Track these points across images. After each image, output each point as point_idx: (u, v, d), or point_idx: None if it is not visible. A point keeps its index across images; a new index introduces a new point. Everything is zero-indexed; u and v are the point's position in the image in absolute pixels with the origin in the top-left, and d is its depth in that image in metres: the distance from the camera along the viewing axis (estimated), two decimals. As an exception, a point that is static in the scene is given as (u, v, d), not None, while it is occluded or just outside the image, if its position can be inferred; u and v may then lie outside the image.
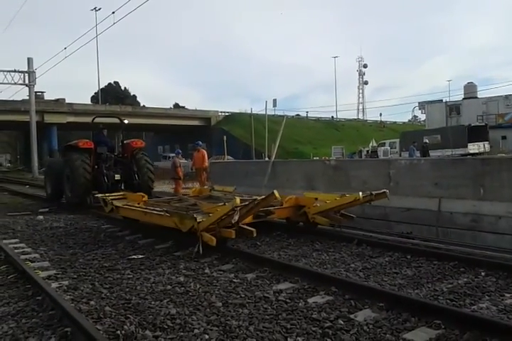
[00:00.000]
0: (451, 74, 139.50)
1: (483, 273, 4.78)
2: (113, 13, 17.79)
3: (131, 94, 74.82)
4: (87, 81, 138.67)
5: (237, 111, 61.44)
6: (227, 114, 60.53)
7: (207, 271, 5.25)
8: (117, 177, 11.63)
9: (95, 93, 64.57)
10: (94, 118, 12.85)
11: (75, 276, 5.22)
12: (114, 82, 73.90)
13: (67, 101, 48.33)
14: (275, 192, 5.94)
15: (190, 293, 4.46)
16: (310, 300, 4.15)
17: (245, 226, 6.12)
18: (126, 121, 13.03)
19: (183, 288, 4.61)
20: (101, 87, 63.24)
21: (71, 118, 46.88)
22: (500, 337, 3.21)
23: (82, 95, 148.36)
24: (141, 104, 66.32)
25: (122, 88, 74.50)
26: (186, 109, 63.48)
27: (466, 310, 3.80)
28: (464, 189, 7.02)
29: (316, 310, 3.91)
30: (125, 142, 12.61)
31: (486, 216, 6.58)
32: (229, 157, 38.09)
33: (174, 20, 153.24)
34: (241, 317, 3.79)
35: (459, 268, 5.04)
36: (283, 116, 36.04)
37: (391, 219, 7.50)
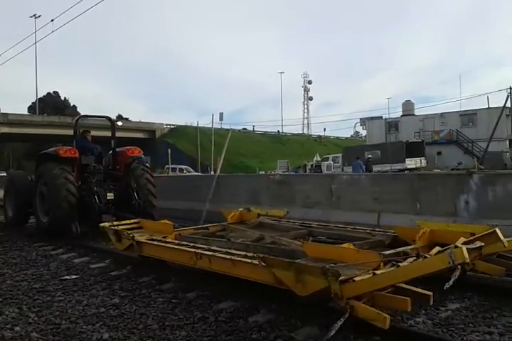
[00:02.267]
0: (391, 91, 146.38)
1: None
2: (52, 21, 17.17)
3: (71, 104, 72.36)
4: (24, 90, 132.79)
5: (183, 124, 61.03)
6: (172, 126, 59.94)
7: (144, 291, 5.03)
8: (110, 196, 8.69)
9: (33, 103, 61.97)
10: (78, 118, 10.25)
11: (0, 300, 4.84)
12: (54, 92, 71.32)
13: (2, 111, 46.04)
14: (497, 230, 4.18)
15: (126, 316, 4.23)
16: (250, 319, 4.06)
17: (417, 289, 3.53)
18: (119, 123, 10.04)
19: (117, 311, 4.37)
20: (39, 97, 60.82)
21: (5, 129, 44.68)
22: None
23: (18, 105, 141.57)
24: (83, 116, 64.09)
25: (62, 98, 71.98)
26: (130, 121, 62.19)
27: (404, 325, 3.85)
28: (402, 203, 7.24)
29: (256, 329, 3.83)
30: (118, 150, 9.66)
31: (423, 230, 6.79)
32: (189, 168, 37.44)
33: (120, 30, 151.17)
34: (178, 340, 3.63)
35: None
36: (229, 130, 36.16)
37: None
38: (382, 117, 49.95)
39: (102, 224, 6.50)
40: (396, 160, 29.15)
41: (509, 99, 34.08)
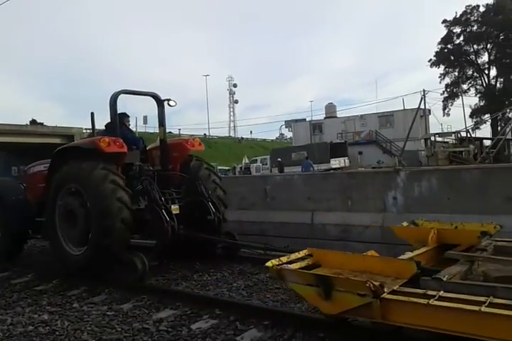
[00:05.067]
0: (313, 94, 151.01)
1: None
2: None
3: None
4: None
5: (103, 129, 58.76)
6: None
7: (75, 305, 4.69)
8: (175, 209, 5.78)
9: None
10: (118, 94, 6.21)
11: None
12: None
13: None
14: None
15: (58, 333, 3.92)
16: (193, 327, 3.92)
17: None
18: (172, 103, 6.59)
19: (48, 328, 4.04)
20: None
21: None
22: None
23: None
24: (-7, 121, 59.76)
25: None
26: (45, 125, 58.70)
27: (347, 321, 3.89)
28: (334, 201, 7.41)
29: (201, 336, 3.70)
30: (169, 142, 6.76)
31: (354, 226, 7.00)
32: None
33: (35, 30, 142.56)
34: (118, 354, 3.41)
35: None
36: (154, 133, 35.33)
37: (269, 234, 7.60)
38: (305, 119, 51.38)
39: (268, 264, 3.57)
40: (322, 161, 30.03)
41: (423, 101, 36.50)
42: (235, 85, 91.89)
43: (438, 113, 50.86)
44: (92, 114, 6.27)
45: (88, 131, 60.52)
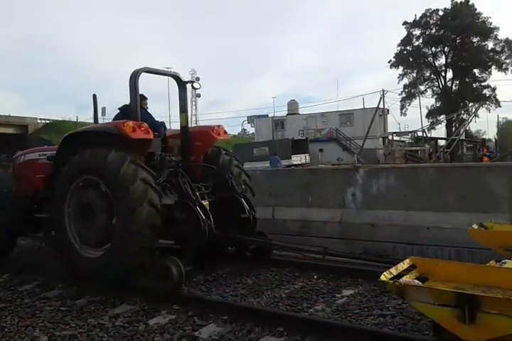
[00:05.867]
0: (276, 91, 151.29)
1: (315, 277, 5.06)
2: None
3: None
4: None
5: (61, 119, 56.84)
6: (48, 121, 55.49)
7: (27, 300, 4.54)
8: (205, 205, 5.08)
9: None
10: (139, 73, 5.36)
11: None
12: None
13: None
14: None
15: (7, 329, 3.78)
16: (151, 322, 3.86)
17: None
18: (197, 85, 5.94)
19: (-4, 325, 3.88)
20: None
21: None
22: (336, 337, 3.38)
23: None
24: None
25: None
26: (-2, 115, 56.36)
27: (304, 314, 3.95)
28: (295, 197, 7.47)
29: (159, 331, 3.65)
30: (192, 130, 5.91)
31: (314, 222, 7.09)
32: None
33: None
34: (72, 351, 3.32)
35: (294, 273, 5.26)
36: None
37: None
38: (268, 115, 51.58)
39: (382, 278, 3.06)
40: (283, 157, 30.25)
41: (382, 101, 37.36)
42: (197, 79, 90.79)
43: (396, 112, 52.13)
44: (94, 96, 5.74)
45: (43, 121, 58.10)
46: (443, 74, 52.77)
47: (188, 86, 5.98)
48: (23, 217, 5.79)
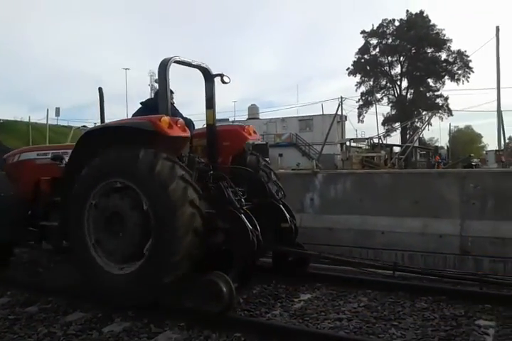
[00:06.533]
0: (237, 95, 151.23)
1: (274, 281, 5.06)
2: None
3: None
4: None
5: (12, 119, 54.69)
6: (-2, 121, 53.27)
7: (-28, 309, 4.31)
8: None
9: None
10: (169, 62, 4.65)
11: None
12: None
13: None
14: None
15: None
16: (105, 330, 3.75)
17: None
18: (227, 80, 5.23)
19: None
20: None
21: None
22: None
23: None
24: None
25: None
26: None
27: (263, 319, 3.95)
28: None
29: (112, 339, 3.55)
30: (220, 129, 5.32)
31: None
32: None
33: None
34: (19, 362, 3.17)
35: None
36: (67, 127, 33.68)
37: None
38: (228, 119, 51.60)
39: None
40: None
41: (340, 108, 38.19)
42: (156, 80, 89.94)
43: (353, 119, 53.49)
44: (100, 90, 5.29)
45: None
46: (398, 83, 54.63)
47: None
48: (25, 224, 5.08)
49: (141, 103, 5.29)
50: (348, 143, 35.11)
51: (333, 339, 3.42)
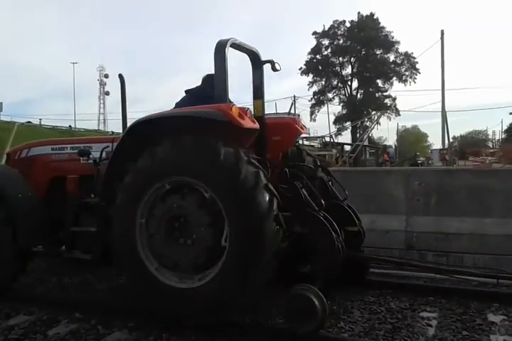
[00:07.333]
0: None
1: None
2: None
3: None
4: None
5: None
6: None
7: None
8: None
9: None
10: (227, 44, 3.83)
11: None
12: None
13: None
14: None
15: None
16: (50, 333, 3.61)
17: None
18: (278, 67, 4.54)
19: None
20: None
21: None
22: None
23: None
24: None
25: None
26: None
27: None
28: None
29: (58, 343, 3.43)
30: (269, 121, 4.48)
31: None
32: None
33: None
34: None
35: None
36: (11, 122, 32.19)
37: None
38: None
39: None
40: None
41: (293, 106, 38.68)
42: (106, 76, 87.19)
43: (306, 118, 54.32)
44: (121, 76, 4.58)
45: None
46: (349, 83, 55.89)
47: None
48: (49, 230, 4.48)
49: (186, 91, 4.63)
50: (300, 142, 35.57)
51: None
